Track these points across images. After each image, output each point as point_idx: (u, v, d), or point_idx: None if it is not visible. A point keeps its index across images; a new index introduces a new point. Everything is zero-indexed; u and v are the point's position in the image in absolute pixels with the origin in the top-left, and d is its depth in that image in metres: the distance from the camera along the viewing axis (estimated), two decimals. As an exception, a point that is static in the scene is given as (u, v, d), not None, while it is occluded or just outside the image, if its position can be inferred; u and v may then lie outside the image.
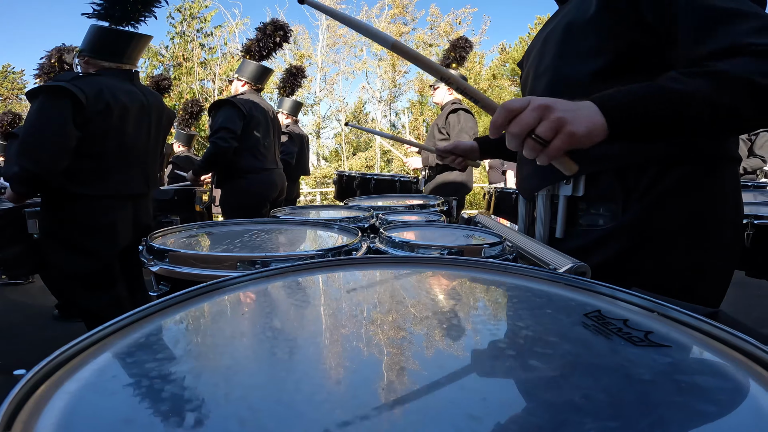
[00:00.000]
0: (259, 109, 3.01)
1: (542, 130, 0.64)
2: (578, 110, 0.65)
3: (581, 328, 0.43)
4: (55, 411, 0.29)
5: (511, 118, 0.66)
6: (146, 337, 0.40)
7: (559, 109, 0.65)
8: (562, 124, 0.64)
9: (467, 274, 0.63)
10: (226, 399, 0.30)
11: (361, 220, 1.30)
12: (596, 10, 0.83)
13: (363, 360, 0.37)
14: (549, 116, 0.64)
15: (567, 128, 0.64)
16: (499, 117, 0.66)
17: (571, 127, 0.64)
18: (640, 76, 0.79)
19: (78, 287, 1.99)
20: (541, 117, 0.64)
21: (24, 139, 1.76)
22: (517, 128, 0.65)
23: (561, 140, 0.64)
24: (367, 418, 0.28)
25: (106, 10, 1.95)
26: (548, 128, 0.64)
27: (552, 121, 0.64)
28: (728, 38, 0.68)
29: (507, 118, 0.66)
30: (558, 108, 0.65)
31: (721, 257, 0.87)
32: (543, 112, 0.64)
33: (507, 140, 0.68)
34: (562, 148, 0.65)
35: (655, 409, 0.30)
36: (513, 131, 0.66)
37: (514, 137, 0.66)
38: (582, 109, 0.66)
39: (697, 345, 0.40)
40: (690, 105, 0.65)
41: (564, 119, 0.64)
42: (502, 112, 0.66)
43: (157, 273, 0.77)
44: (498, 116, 0.66)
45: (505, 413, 0.30)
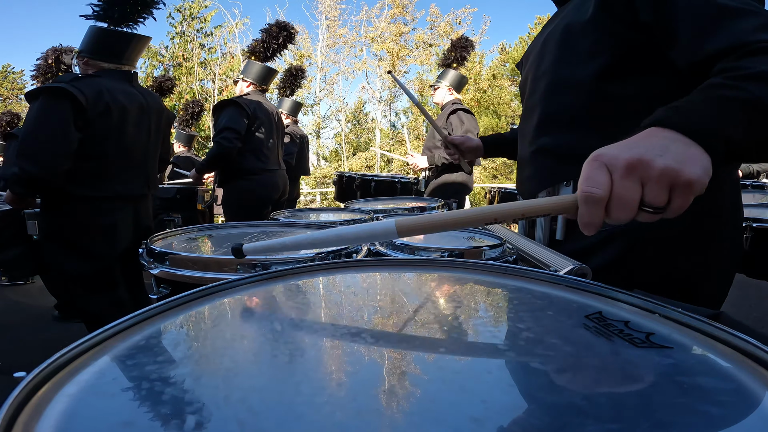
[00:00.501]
0: (264, 110, 3.02)
1: (653, 198, 0.50)
2: (670, 149, 0.51)
3: (582, 330, 0.43)
4: (55, 413, 0.29)
5: (604, 204, 0.50)
6: (146, 340, 0.40)
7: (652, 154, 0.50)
8: (673, 176, 0.49)
9: (468, 277, 0.63)
10: (226, 401, 0.30)
11: (361, 222, 1.30)
12: (594, 11, 0.83)
13: (363, 363, 0.37)
14: (651, 176, 0.49)
15: (682, 179, 0.49)
16: (592, 212, 0.50)
17: (687, 174, 0.49)
18: (640, 77, 0.79)
19: (78, 289, 1.99)
20: (642, 182, 0.50)
21: (24, 140, 1.75)
22: (624, 212, 0.50)
23: (680, 197, 0.50)
24: (367, 421, 0.28)
25: (105, 11, 1.95)
26: (659, 192, 0.50)
27: (658, 181, 0.49)
28: (733, 36, 0.66)
29: (601, 208, 0.50)
30: (651, 158, 0.49)
31: (723, 258, 0.87)
32: (641, 175, 0.49)
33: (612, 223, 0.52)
34: (685, 204, 0.51)
35: (657, 410, 0.30)
36: (620, 216, 0.50)
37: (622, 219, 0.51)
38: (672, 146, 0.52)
39: (699, 346, 0.40)
40: None
41: (672, 169, 0.49)
42: (591, 207, 0.50)
43: (158, 276, 0.77)
44: (590, 214, 0.50)
45: (506, 416, 0.30)
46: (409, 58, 18.62)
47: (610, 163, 0.51)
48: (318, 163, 19.07)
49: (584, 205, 0.50)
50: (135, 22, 2.03)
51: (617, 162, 0.50)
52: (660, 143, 0.52)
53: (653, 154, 0.50)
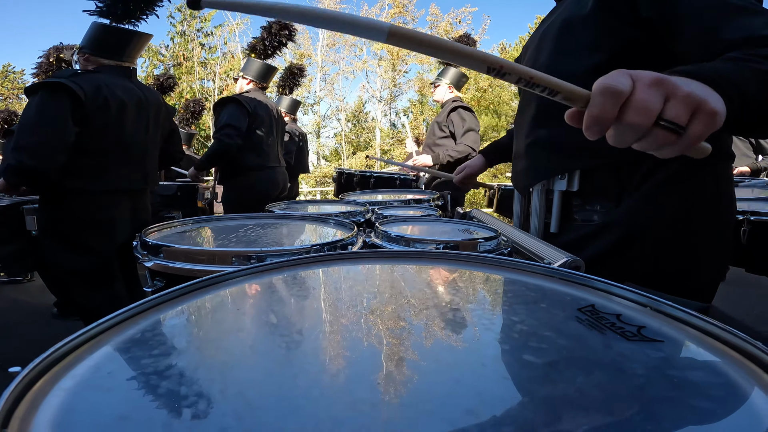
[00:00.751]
0: (264, 108, 3.02)
1: (675, 114, 0.48)
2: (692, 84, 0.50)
3: (575, 323, 0.43)
4: (52, 408, 0.29)
5: (620, 101, 0.48)
6: (141, 333, 0.40)
7: (681, 82, 0.49)
8: (698, 102, 0.48)
9: (463, 269, 0.63)
10: (223, 394, 0.30)
11: (356, 215, 1.30)
12: (593, 6, 0.83)
13: (359, 355, 0.37)
14: (677, 94, 0.48)
15: (706, 107, 0.48)
16: (606, 105, 0.47)
17: (710, 104, 0.48)
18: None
19: (76, 284, 1.99)
20: (667, 96, 0.48)
21: (20, 133, 1.75)
22: (640, 117, 0.47)
23: (702, 123, 0.48)
24: (362, 412, 0.29)
25: (109, 8, 1.95)
26: (682, 110, 0.48)
27: (683, 100, 0.48)
28: (745, 30, 0.66)
29: (617, 105, 0.48)
30: (679, 82, 0.48)
31: (714, 252, 0.87)
32: (664, 89, 0.48)
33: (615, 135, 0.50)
34: (704, 134, 0.49)
35: (648, 403, 0.30)
36: (634, 121, 0.47)
37: (634, 129, 0.48)
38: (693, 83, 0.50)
39: (689, 340, 0.40)
40: None
41: (697, 96, 0.48)
42: (608, 98, 0.47)
43: (152, 268, 0.77)
44: (603, 105, 0.48)
45: (500, 407, 0.30)
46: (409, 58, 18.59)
47: (635, 74, 0.48)
48: (318, 162, 19.06)
49: (600, 95, 0.47)
50: (137, 20, 2.03)
51: (644, 74, 0.48)
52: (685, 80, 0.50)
53: (679, 81, 0.48)
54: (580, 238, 0.89)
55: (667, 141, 0.49)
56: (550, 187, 0.96)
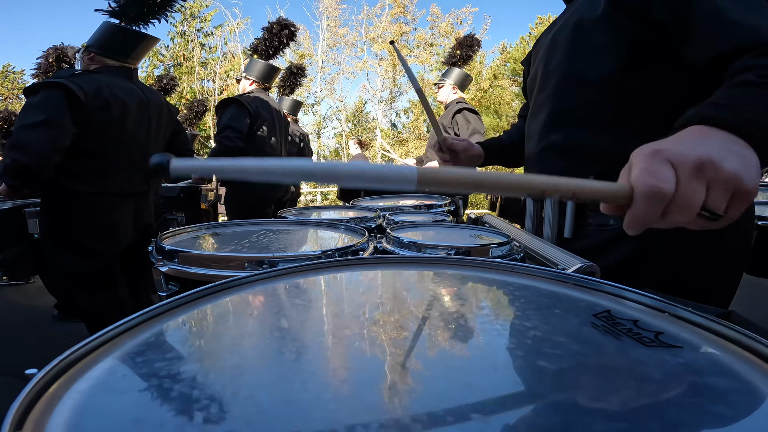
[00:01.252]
0: (267, 108, 3.01)
1: (716, 204, 0.46)
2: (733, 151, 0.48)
3: (590, 329, 0.43)
4: (66, 410, 0.29)
5: (665, 202, 0.45)
6: (156, 337, 0.40)
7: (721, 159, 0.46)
8: (736, 183, 0.46)
9: (475, 274, 0.63)
10: (234, 398, 0.30)
11: (368, 221, 1.30)
12: (605, 7, 0.82)
13: (370, 360, 0.37)
14: (718, 179, 0.45)
15: (743, 188, 0.46)
16: (650, 210, 0.45)
17: (748, 182, 0.46)
18: (654, 73, 0.78)
19: (79, 288, 1.99)
20: (709, 183, 0.46)
21: (17, 132, 1.75)
22: (683, 215, 0.46)
23: (738, 208, 0.47)
24: (374, 418, 0.28)
25: (122, 9, 1.95)
26: (723, 198, 0.46)
27: (724, 186, 0.46)
28: (752, 34, 0.65)
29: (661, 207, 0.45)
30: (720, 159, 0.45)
31: (733, 257, 0.86)
32: (708, 177, 0.45)
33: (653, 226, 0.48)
34: (737, 216, 0.48)
35: (666, 410, 0.29)
36: (677, 219, 0.46)
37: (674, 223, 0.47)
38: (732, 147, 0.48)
39: (709, 346, 0.40)
40: None
41: (738, 174, 0.46)
42: (652, 204, 0.45)
43: (167, 273, 0.77)
44: (647, 210, 0.45)
45: (513, 414, 0.30)
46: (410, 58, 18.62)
47: (675, 159, 0.46)
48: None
49: (645, 200, 0.45)
50: (147, 23, 2.04)
51: (685, 159, 0.45)
52: (720, 144, 0.48)
53: (720, 156, 0.46)
54: (595, 244, 0.87)
55: (703, 226, 0.48)
56: None
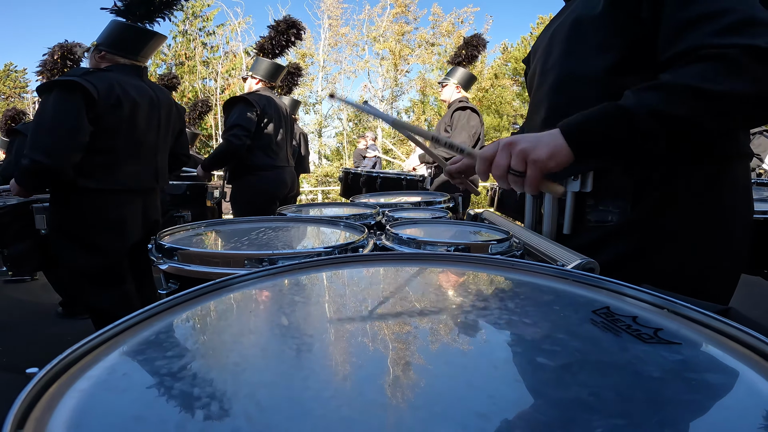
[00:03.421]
0: (273, 107, 3.01)
1: (514, 164, 0.74)
2: (540, 139, 0.73)
3: (590, 325, 0.43)
4: (67, 409, 0.29)
5: (489, 163, 0.77)
6: (156, 335, 0.40)
7: (522, 141, 0.73)
8: (526, 153, 0.72)
9: (474, 271, 0.63)
10: (235, 396, 0.30)
11: (367, 217, 1.30)
12: (604, 6, 0.83)
13: (370, 357, 0.37)
14: (514, 151, 0.73)
15: (531, 156, 0.72)
16: (481, 166, 0.78)
17: (534, 154, 0.72)
18: (650, 71, 0.78)
19: (86, 284, 1.99)
20: (510, 153, 0.74)
21: (37, 133, 1.75)
22: (497, 170, 0.76)
23: (532, 168, 0.72)
24: (374, 415, 0.28)
25: (128, 8, 1.96)
26: (517, 161, 0.73)
27: (517, 155, 0.73)
28: (687, 42, 0.69)
29: (487, 165, 0.78)
30: (520, 141, 0.73)
31: (732, 255, 0.85)
32: (509, 149, 0.74)
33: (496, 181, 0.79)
34: (536, 175, 0.72)
35: (665, 406, 0.29)
36: (495, 174, 0.77)
37: (497, 178, 0.77)
38: (544, 137, 0.73)
39: (708, 342, 0.40)
40: (640, 121, 0.67)
41: (526, 149, 0.72)
42: (481, 162, 0.78)
43: (166, 271, 0.77)
44: (480, 166, 0.78)
45: (512, 411, 0.30)
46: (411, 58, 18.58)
47: (500, 142, 0.76)
48: (320, 161, 19.07)
49: (479, 159, 0.79)
50: (152, 21, 2.05)
51: (502, 142, 0.76)
52: (539, 136, 0.74)
53: (524, 140, 0.74)
54: (594, 240, 0.87)
55: (516, 181, 0.75)
56: (564, 189, 0.95)
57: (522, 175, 0.74)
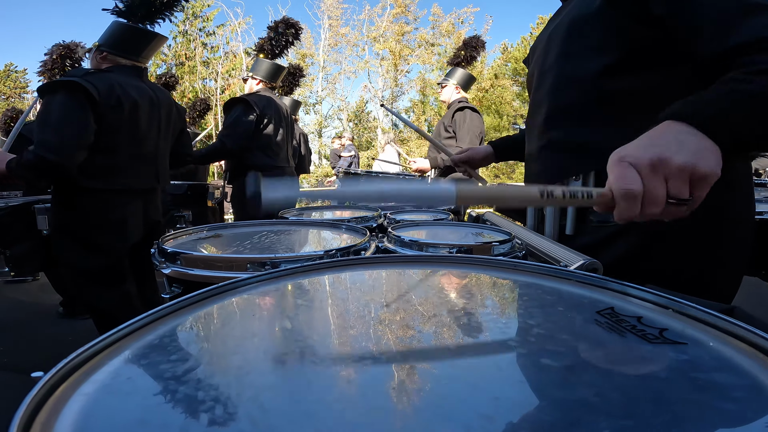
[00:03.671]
0: (273, 107, 3.02)
1: (677, 191, 0.55)
2: (684, 141, 0.56)
3: (594, 326, 0.43)
4: (73, 413, 0.29)
5: (640, 201, 0.56)
6: (160, 339, 0.40)
7: (670, 151, 0.55)
8: (690, 171, 0.55)
9: (477, 273, 0.63)
10: (239, 399, 0.30)
11: (369, 220, 1.30)
12: (600, 4, 0.82)
13: (373, 360, 0.37)
14: (672, 171, 0.55)
15: (699, 172, 0.55)
16: (631, 208, 0.56)
17: (702, 168, 0.55)
18: (649, 70, 0.78)
19: (87, 284, 2.00)
20: (665, 176, 0.55)
21: (44, 132, 1.75)
22: (655, 207, 0.56)
23: (701, 189, 0.56)
24: (378, 418, 0.28)
25: (129, 9, 1.97)
26: (682, 185, 0.55)
27: (679, 176, 0.55)
28: (755, 30, 0.65)
29: (638, 204, 0.56)
30: (668, 151, 0.55)
31: (735, 254, 0.85)
32: (663, 171, 0.55)
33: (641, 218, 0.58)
34: (704, 195, 0.57)
35: (671, 407, 0.29)
36: (653, 211, 0.56)
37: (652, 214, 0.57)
38: (685, 137, 0.57)
39: (714, 342, 0.39)
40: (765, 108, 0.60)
41: (688, 165, 0.54)
42: (630, 203, 0.56)
43: (170, 275, 0.78)
44: (628, 209, 0.56)
45: (517, 412, 0.30)
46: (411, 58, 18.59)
47: (635, 163, 0.56)
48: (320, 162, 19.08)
49: (623, 199, 0.56)
50: (153, 22, 2.06)
51: (642, 161, 0.55)
52: (675, 138, 0.57)
53: (671, 152, 0.55)
54: (597, 241, 0.87)
55: (679, 211, 0.57)
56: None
57: (687, 202, 0.56)
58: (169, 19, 2.10)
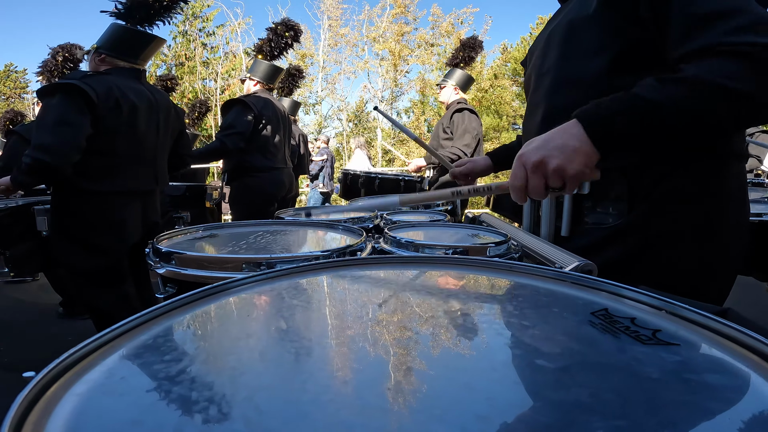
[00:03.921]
0: (271, 108, 3.02)
1: (552, 184, 0.71)
2: (566, 146, 0.70)
3: (588, 327, 0.43)
4: (65, 413, 0.29)
5: (524, 192, 0.73)
6: (154, 339, 0.40)
7: (550, 156, 0.70)
8: (561, 171, 0.69)
9: (473, 274, 0.63)
10: (233, 400, 0.30)
11: (365, 221, 1.30)
12: (597, 6, 0.83)
13: (369, 360, 0.37)
14: (548, 170, 0.70)
15: (568, 173, 0.69)
16: (517, 196, 0.74)
17: (570, 170, 0.69)
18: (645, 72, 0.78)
19: (87, 284, 2.01)
20: (544, 174, 0.71)
21: (41, 134, 1.78)
22: (536, 195, 0.73)
23: (571, 183, 0.71)
24: (373, 418, 0.28)
25: (128, 11, 1.98)
26: (556, 180, 0.70)
27: (553, 174, 0.70)
28: (704, 39, 0.68)
29: (522, 194, 0.74)
30: (548, 156, 0.70)
31: (728, 256, 0.86)
32: (541, 170, 0.71)
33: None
34: (575, 186, 0.71)
35: (664, 407, 0.29)
36: (535, 197, 0.74)
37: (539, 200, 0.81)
38: (568, 141, 0.70)
39: (706, 343, 0.40)
40: (667, 114, 0.67)
41: (561, 167, 0.69)
42: (515, 193, 0.74)
43: (164, 275, 0.77)
44: (515, 195, 0.74)
45: (512, 413, 0.30)
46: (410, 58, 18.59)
47: (525, 162, 0.72)
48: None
49: (513, 191, 0.74)
50: (152, 24, 2.06)
51: (528, 162, 0.72)
52: (562, 142, 0.70)
53: (551, 156, 0.70)
54: (591, 242, 0.88)
55: (560, 194, 0.77)
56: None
57: (561, 189, 0.72)
58: (167, 22, 2.10)
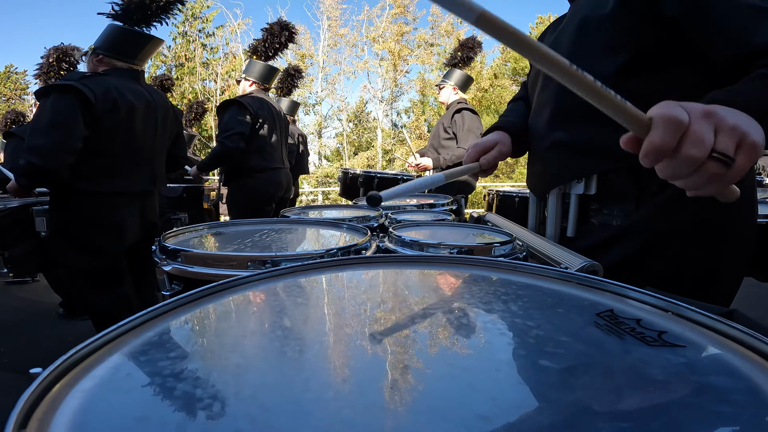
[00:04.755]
0: (267, 109, 3.03)
1: (725, 146, 0.50)
2: (737, 115, 0.52)
3: (593, 328, 0.43)
4: (70, 409, 0.29)
5: (681, 134, 0.49)
6: (159, 336, 0.40)
7: (727, 114, 0.51)
8: (742, 134, 0.50)
9: (477, 273, 0.63)
10: (237, 397, 0.30)
11: (370, 219, 1.29)
12: (613, 5, 0.81)
13: (372, 359, 0.37)
14: (724, 126, 0.50)
15: (749, 139, 0.50)
16: (667, 136, 0.48)
17: (753, 136, 0.50)
18: (660, 72, 0.78)
19: (86, 285, 2.01)
20: (716, 128, 0.50)
21: (32, 135, 1.78)
22: (697, 148, 0.49)
23: (746, 155, 0.51)
24: (375, 417, 0.28)
25: (126, 12, 1.98)
26: (731, 142, 0.50)
27: (730, 133, 0.50)
28: None
29: (677, 136, 0.49)
30: (726, 114, 0.51)
31: (735, 257, 0.85)
32: (715, 122, 0.50)
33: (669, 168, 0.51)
34: (747, 167, 0.51)
35: (669, 409, 0.29)
36: (691, 153, 0.49)
37: (689, 161, 0.49)
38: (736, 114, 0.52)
39: (712, 345, 0.39)
40: None
41: (741, 129, 0.50)
42: (669, 129, 0.48)
43: (170, 272, 0.77)
44: (664, 136, 0.48)
45: (515, 413, 0.30)
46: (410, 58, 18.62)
47: (686, 106, 0.50)
48: (320, 162, 19.08)
49: (662, 126, 0.48)
50: (149, 25, 2.06)
51: (694, 107, 0.50)
52: (728, 110, 0.52)
53: (725, 113, 0.51)
54: (597, 243, 0.87)
55: (717, 173, 0.50)
56: (567, 191, 0.93)
57: (731, 162, 0.50)
58: (165, 22, 2.10)
